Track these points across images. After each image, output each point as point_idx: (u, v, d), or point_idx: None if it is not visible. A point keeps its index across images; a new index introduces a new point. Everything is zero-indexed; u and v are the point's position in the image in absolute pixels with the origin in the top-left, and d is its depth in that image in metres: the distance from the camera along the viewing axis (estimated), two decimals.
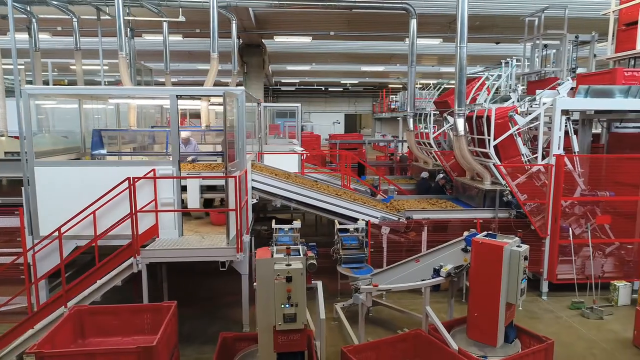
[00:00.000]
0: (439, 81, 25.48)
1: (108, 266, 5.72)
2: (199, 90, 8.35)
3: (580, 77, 8.83)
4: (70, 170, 6.53)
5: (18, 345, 5.65)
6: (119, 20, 8.28)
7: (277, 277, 4.74)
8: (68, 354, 4.23)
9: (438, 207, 9.07)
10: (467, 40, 8.47)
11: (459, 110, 8.62)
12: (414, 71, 12.00)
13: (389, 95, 39.56)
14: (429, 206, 9.10)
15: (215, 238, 6.54)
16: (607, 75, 7.96)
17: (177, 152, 6.53)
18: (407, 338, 5.76)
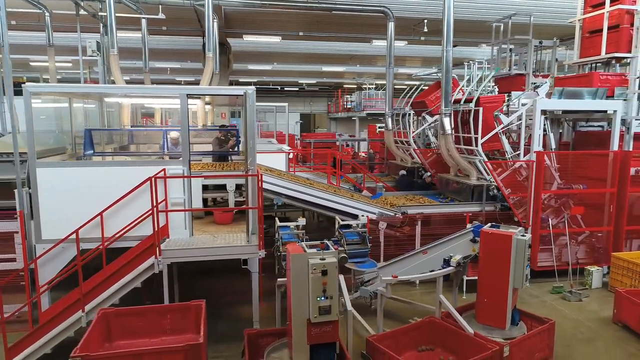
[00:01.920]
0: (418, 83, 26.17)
1: (127, 268, 5.63)
2: (216, 90, 8.24)
3: (558, 80, 9.58)
4: (75, 171, 6.33)
5: (35, 351, 5.47)
6: (110, 17, 8.05)
7: (313, 271, 4.90)
8: (115, 356, 4.19)
9: (416, 202, 9.53)
10: (452, 44, 8.95)
11: (445, 109, 9.08)
12: (392, 72, 12.47)
13: (344, 96, 40.23)
14: (407, 202, 9.53)
15: (228, 237, 6.57)
16: (584, 79, 8.72)
17: (187, 151, 6.50)
18: (422, 326, 6.10)
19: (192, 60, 27.17)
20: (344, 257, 5.33)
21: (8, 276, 6.88)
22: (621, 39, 9.01)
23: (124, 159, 8.13)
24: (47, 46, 10.70)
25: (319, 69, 32.17)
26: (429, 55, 26.96)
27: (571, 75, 9.88)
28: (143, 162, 7.20)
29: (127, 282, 5.64)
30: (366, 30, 18.00)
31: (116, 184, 6.27)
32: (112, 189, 6.25)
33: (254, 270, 6.57)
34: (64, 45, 15.87)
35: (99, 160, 7.44)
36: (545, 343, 6.00)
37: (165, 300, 5.79)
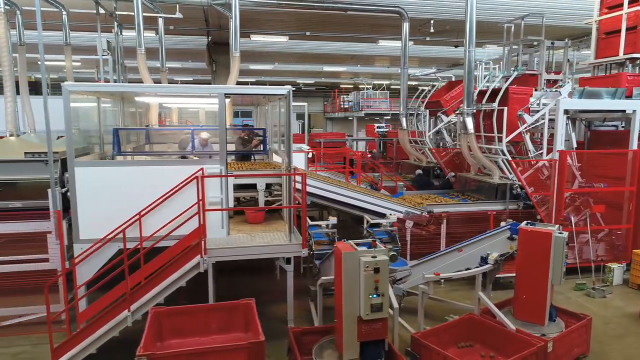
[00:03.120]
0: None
1: (172, 267, 5.63)
2: (256, 90, 8.20)
3: (582, 80, 9.73)
4: (112, 171, 6.32)
5: (81, 351, 5.45)
6: (138, 17, 8.02)
7: (365, 269, 4.94)
8: (179, 354, 4.19)
9: (432, 201, 9.61)
10: (475, 45, 9.05)
11: (467, 109, 9.18)
12: (406, 72, 12.53)
13: (340, 95, 40.32)
14: (424, 201, 9.60)
15: (265, 236, 6.58)
16: (610, 79, 8.87)
17: (225, 150, 6.51)
18: (461, 323, 6.17)
19: (193, 60, 27.09)
20: (394, 255, 5.37)
21: (43, 276, 6.90)
22: (638, 39, 9.18)
23: (154, 159, 8.10)
24: (64, 45, 10.62)
25: (319, 68, 32.21)
26: (427, 55, 27.08)
27: (596, 75, 10.03)
28: (181, 162, 7.18)
29: (172, 282, 5.64)
30: (372, 30, 18.08)
31: (154, 183, 6.28)
32: (150, 188, 6.26)
33: (288, 269, 6.61)
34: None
35: (137, 160, 7.41)
36: (582, 338, 6.12)
37: (210, 299, 5.81)
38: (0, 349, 6.44)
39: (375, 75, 39.17)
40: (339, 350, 5.26)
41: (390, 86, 43.71)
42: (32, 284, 6.94)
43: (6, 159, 7.02)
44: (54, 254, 6.93)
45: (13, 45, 10.71)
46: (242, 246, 5.93)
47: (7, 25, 7.41)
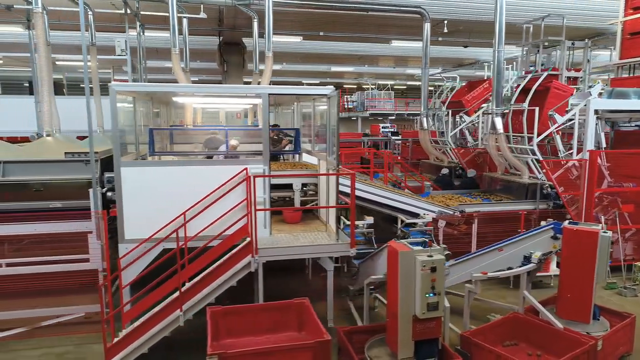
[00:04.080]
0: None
1: (223, 267, 5.65)
2: (300, 90, 8.24)
3: (614, 80, 9.79)
4: (157, 171, 6.34)
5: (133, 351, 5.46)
6: (173, 18, 8.03)
7: (422, 268, 4.97)
8: (246, 353, 4.22)
9: (457, 201, 9.66)
10: (504, 45, 9.09)
11: (497, 109, 9.22)
12: (427, 73, 12.56)
13: (344, 95, 40.36)
14: (448, 201, 9.64)
15: (308, 236, 6.61)
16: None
17: (268, 150, 6.54)
18: (505, 321, 6.20)
19: (202, 60, 27.06)
20: (449, 254, 5.41)
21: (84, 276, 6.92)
22: None
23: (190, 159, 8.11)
24: (90, 45, 10.60)
25: (326, 69, 32.22)
26: (432, 55, 27.03)
27: (629, 76, 10.09)
28: (226, 162, 7.20)
29: (223, 282, 5.66)
30: (379, 31, 18.08)
31: (198, 183, 6.30)
32: (194, 188, 6.28)
33: (330, 269, 6.63)
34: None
35: (182, 160, 7.43)
36: (627, 337, 6.16)
37: (260, 299, 5.83)
38: (45, 349, 6.44)
39: (379, 75, 39.19)
40: (392, 349, 5.29)
41: (394, 86, 43.80)
42: (72, 284, 6.97)
43: (47, 159, 7.02)
44: (95, 254, 6.95)
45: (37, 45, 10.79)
46: (292, 246, 5.95)
47: (44, 26, 7.40)
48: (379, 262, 6.32)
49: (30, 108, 12.33)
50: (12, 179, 6.83)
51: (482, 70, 31.50)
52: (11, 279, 6.73)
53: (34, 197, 6.99)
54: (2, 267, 6.76)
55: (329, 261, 6.45)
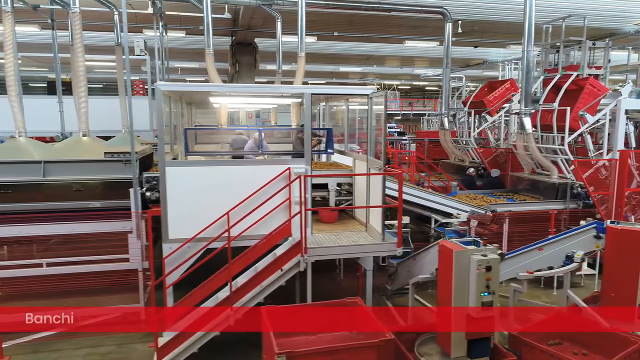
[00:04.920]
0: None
1: (274, 266, 5.66)
2: (342, 90, 8.25)
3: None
4: (202, 171, 6.33)
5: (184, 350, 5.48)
6: (207, 18, 8.05)
7: (478, 267, 4.99)
8: (313, 352, 4.23)
9: (481, 201, 9.68)
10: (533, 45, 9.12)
11: (525, 109, 9.24)
12: (449, 73, 12.58)
13: None
14: (473, 201, 9.64)
15: (349, 235, 6.61)
16: None
17: (310, 150, 6.55)
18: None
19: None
20: (502, 254, 5.43)
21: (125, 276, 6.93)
22: None
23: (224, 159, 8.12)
24: (116, 45, 10.62)
25: (335, 69, 32.23)
26: (439, 56, 27.05)
27: None
28: (269, 162, 7.21)
29: (273, 281, 5.68)
30: (385, 31, 18.10)
31: (242, 183, 6.31)
32: (237, 188, 6.29)
33: (369, 269, 6.64)
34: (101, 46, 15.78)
35: (225, 160, 7.43)
36: None
37: (308, 298, 5.84)
38: (88, 349, 6.46)
39: (384, 75, 39.19)
40: (444, 348, 5.30)
41: (398, 87, 43.79)
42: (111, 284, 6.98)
43: (88, 159, 7.04)
44: (135, 253, 6.96)
45: (65, 45, 10.80)
46: (341, 245, 5.96)
47: (81, 26, 7.41)
48: (425, 262, 6.34)
49: (52, 108, 12.32)
50: (53, 179, 6.83)
51: (489, 71, 31.66)
52: (52, 278, 6.75)
53: (74, 197, 6.99)
54: (43, 267, 6.79)
55: (370, 260, 6.48)
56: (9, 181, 6.71)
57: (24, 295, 6.68)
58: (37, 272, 6.71)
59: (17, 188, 6.80)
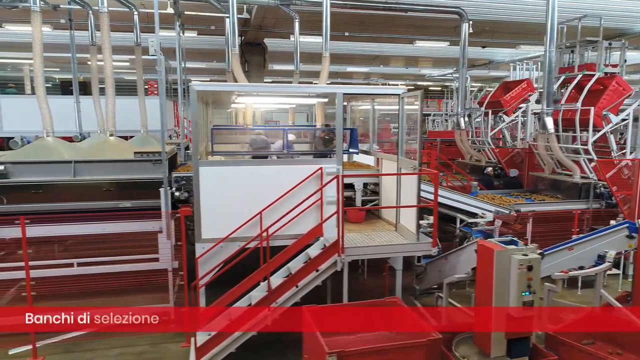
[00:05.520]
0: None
1: (311, 266, 5.67)
2: (374, 89, 8.30)
3: None
4: (235, 170, 6.34)
5: (222, 350, 5.48)
6: (233, 18, 8.06)
7: (519, 267, 5.00)
8: (364, 352, 4.24)
9: (500, 201, 9.69)
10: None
11: (547, 109, 9.26)
12: (465, 73, 12.59)
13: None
14: (491, 201, 9.65)
15: (380, 235, 6.62)
16: None
17: (341, 150, 6.56)
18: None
19: (218, 61, 27.04)
20: (542, 253, 5.43)
21: (155, 276, 6.93)
22: None
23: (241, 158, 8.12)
24: (135, 45, 10.62)
25: (342, 69, 32.21)
26: (444, 56, 27.11)
27: None
28: (301, 161, 7.22)
29: (310, 281, 5.68)
30: (410, 32, 18.13)
31: (274, 183, 6.32)
32: (270, 188, 6.30)
33: (399, 268, 6.65)
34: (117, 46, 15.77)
35: (258, 159, 7.43)
36: None
37: (344, 298, 5.85)
38: (120, 349, 6.46)
39: (387, 75, 39.16)
40: (483, 347, 5.31)
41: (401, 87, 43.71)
42: (140, 283, 6.98)
43: (118, 159, 7.04)
44: (165, 253, 6.96)
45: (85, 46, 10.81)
46: (377, 245, 5.98)
47: (109, 26, 7.41)
48: (459, 261, 6.35)
49: (68, 108, 12.30)
50: (84, 179, 6.84)
51: (495, 71, 31.65)
52: (83, 278, 6.75)
53: (103, 196, 6.99)
54: (74, 267, 6.79)
55: (400, 260, 6.48)
56: (40, 181, 6.71)
57: (53, 295, 6.68)
58: (68, 272, 6.71)
59: (47, 188, 6.80)
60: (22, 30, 14.81)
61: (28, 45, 17.59)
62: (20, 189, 6.69)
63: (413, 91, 6.09)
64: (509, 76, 33.66)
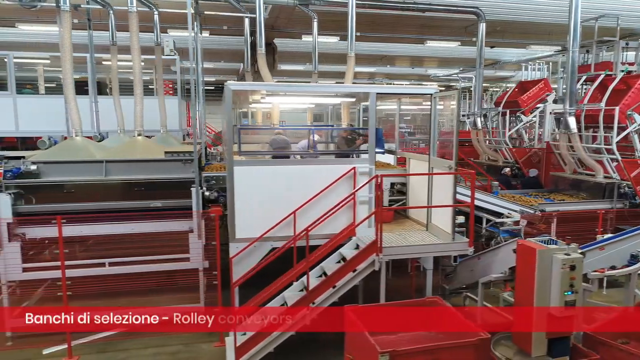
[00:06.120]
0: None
1: (349, 266, 5.67)
2: (406, 89, 8.30)
3: None
4: (270, 170, 6.35)
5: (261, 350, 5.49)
6: (260, 17, 8.06)
7: (563, 267, 5.01)
8: (415, 351, 4.24)
9: (519, 201, 9.70)
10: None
11: (570, 109, 9.26)
12: (482, 73, 12.58)
13: None
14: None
15: (413, 235, 6.62)
16: None
17: (374, 150, 6.56)
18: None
19: (226, 61, 27.00)
20: (583, 253, 5.43)
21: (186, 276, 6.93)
22: None
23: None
24: (155, 45, 10.62)
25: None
26: (450, 56, 27.05)
27: None
28: (335, 161, 7.23)
29: (347, 281, 5.69)
30: (421, 32, 18.11)
31: (307, 183, 6.33)
32: (303, 188, 6.32)
33: (429, 268, 6.64)
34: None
35: (292, 159, 7.44)
36: None
37: (382, 298, 5.85)
38: (154, 348, 6.46)
39: (391, 75, 39.10)
40: (523, 347, 5.30)
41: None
42: (171, 283, 6.98)
43: (149, 159, 7.04)
44: (196, 253, 6.96)
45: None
46: (414, 244, 5.98)
47: (138, 26, 7.41)
48: (494, 261, 6.35)
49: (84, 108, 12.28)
50: (115, 179, 6.83)
51: (501, 71, 31.60)
52: (114, 278, 6.74)
53: (134, 196, 6.99)
54: (106, 267, 6.79)
55: (430, 260, 6.49)
56: (72, 180, 6.71)
57: (84, 295, 6.67)
58: (100, 272, 6.71)
59: (78, 187, 6.79)
60: (35, 30, 14.80)
61: (41, 46, 17.61)
62: (53, 189, 6.68)
63: (447, 91, 6.07)
64: (514, 76, 33.59)
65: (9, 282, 6.50)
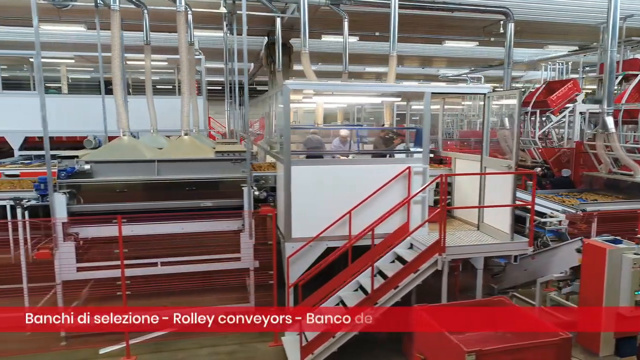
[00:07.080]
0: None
1: (412, 266, 5.67)
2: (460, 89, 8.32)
3: None
4: (326, 170, 6.38)
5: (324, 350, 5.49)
6: (304, 16, 8.08)
7: (634, 266, 5.01)
8: (500, 351, 4.25)
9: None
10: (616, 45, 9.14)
11: (608, 109, 9.27)
12: (510, 73, 12.58)
13: None
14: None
15: (467, 235, 6.62)
16: None
17: (427, 149, 6.57)
18: None
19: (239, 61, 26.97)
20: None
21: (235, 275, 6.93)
22: None
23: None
24: (189, 44, 10.59)
25: (362, 69, 32.18)
26: (458, 56, 26.92)
27: None
28: (389, 161, 7.23)
29: (410, 281, 5.69)
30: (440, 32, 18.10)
31: (362, 183, 6.35)
32: (358, 187, 6.34)
33: (479, 267, 6.64)
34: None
35: (347, 159, 7.45)
36: None
37: (443, 298, 5.86)
38: (209, 348, 6.46)
39: (400, 76, 39.01)
40: (589, 347, 5.32)
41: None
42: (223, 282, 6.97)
43: (201, 158, 7.04)
44: (247, 253, 6.96)
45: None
46: (477, 244, 5.99)
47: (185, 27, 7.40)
48: (553, 260, 6.36)
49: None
50: (167, 178, 6.83)
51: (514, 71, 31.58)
52: (166, 278, 6.74)
53: (185, 196, 6.97)
54: (158, 266, 6.78)
55: (481, 260, 6.49)
56: (124, 180, 6.70)
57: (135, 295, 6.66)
58: (152, 272, 6.71)
59: (130, 187, 6.79)
60: (57, 30, 14.80)
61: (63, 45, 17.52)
62: (105, 188, 6.67)
63: (510, 90, 6.08)
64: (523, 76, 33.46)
65: (63, 281, 6.49)
